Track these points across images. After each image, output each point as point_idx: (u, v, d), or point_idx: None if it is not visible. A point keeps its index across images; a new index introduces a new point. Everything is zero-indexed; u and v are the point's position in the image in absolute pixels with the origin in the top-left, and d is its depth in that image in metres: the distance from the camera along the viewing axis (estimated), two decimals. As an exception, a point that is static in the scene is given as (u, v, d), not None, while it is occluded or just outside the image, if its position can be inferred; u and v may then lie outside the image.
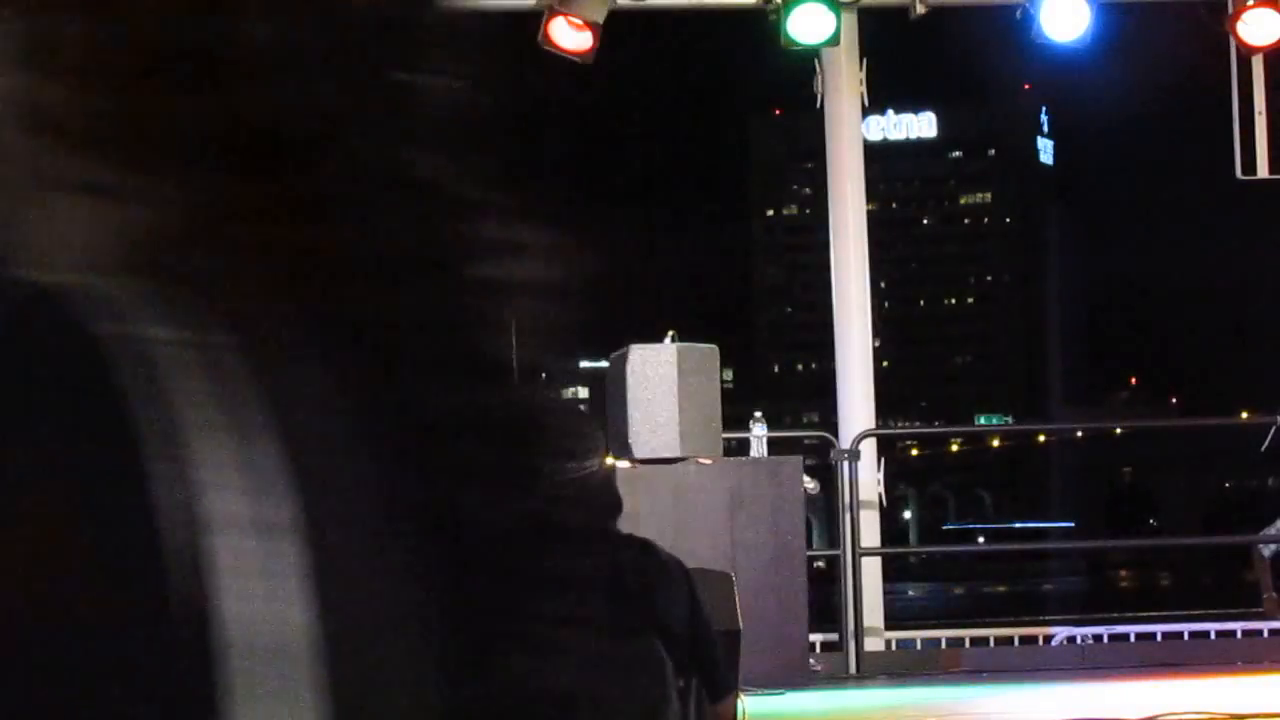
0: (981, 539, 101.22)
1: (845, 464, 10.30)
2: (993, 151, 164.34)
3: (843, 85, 10.91)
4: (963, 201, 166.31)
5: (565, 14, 10.14)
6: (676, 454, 8.86)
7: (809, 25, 10.32)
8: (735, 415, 10.76)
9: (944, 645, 11.92)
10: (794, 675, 8.94)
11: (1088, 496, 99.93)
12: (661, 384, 8.77)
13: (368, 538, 0.73)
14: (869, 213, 11.21)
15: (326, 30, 0.76)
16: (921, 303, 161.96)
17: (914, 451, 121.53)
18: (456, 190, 0.82)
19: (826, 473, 10.54)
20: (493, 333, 0.80)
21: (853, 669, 9.90)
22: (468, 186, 0.83)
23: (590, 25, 10.14)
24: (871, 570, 10.50)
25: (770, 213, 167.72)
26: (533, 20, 10.30)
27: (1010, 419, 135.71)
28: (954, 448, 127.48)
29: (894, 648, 11.18)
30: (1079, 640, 11.51)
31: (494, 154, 0.91)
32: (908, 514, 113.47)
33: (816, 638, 10.38)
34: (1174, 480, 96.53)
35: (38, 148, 0.73)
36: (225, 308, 0.72)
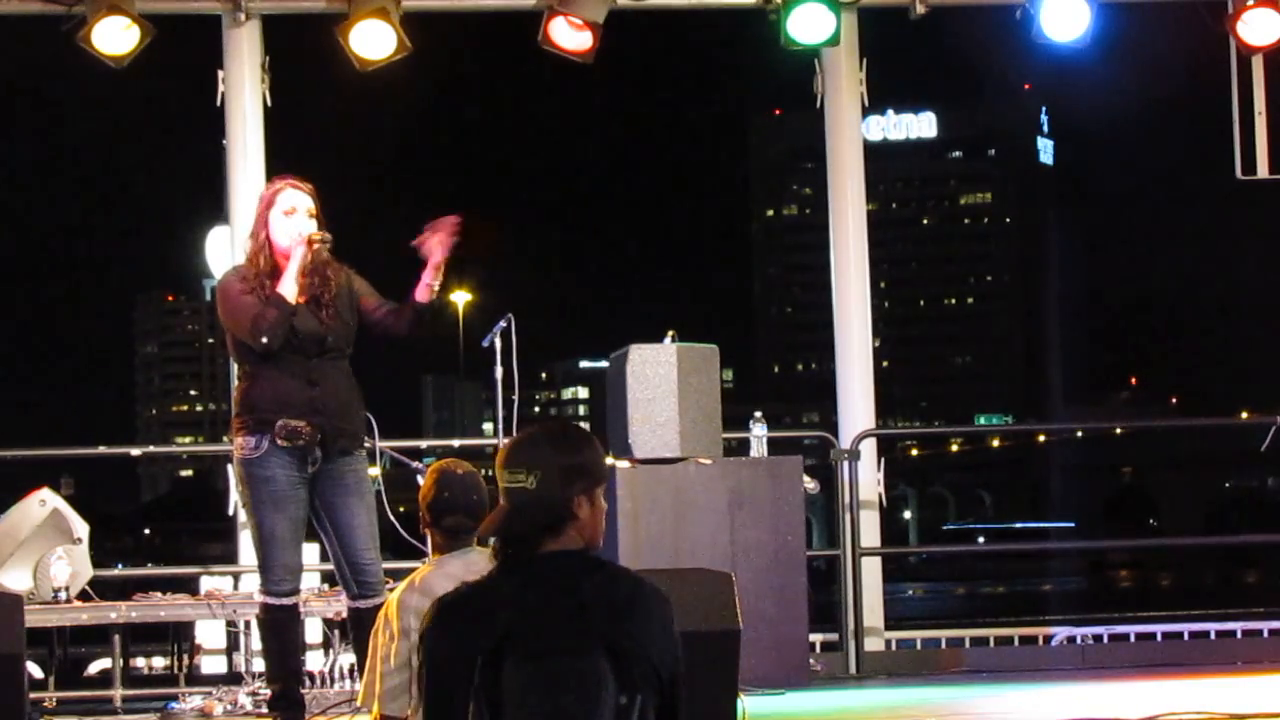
0: (981, 539, 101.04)
1: (845, 464, 10.30)
2: (993, 151, 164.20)
3: (843, 85, 10.90)
4: (963, 201, 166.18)
5: (565, 14, 10.14)
6: (676, 454, 8.85)
7: (809, 25, 10.32)
8: (735, 415, 10.74)
9: (944, 645, 11.92)
10: (794, 675, 8.94)
11: (1088, 496, 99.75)
12: (661, 384, 8.77)
13: None
14: (869, 213, 11.20)
15: None
16: (921, 303, 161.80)
17: (914, 451, 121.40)
18: None
19: (826, 473, 10.54)
20: None
21: (853, 669, 9.90)
22: None
23: (590, 25, 10.13)
24: (871, 570, 10.49)
25: (770, 213, 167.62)
26: (533, 20, 10.30)
27: (1010, 419, 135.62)
28: (954, 448, 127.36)
29: (894, 648, 11.18)
30: (1079, 640, 11.51)
31: None
32: (908, 514, 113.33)
33: (816, 638, 10.38)
34: (1174, 480, 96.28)
35: None
36: None
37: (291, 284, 7.18)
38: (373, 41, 10.06)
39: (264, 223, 7.28)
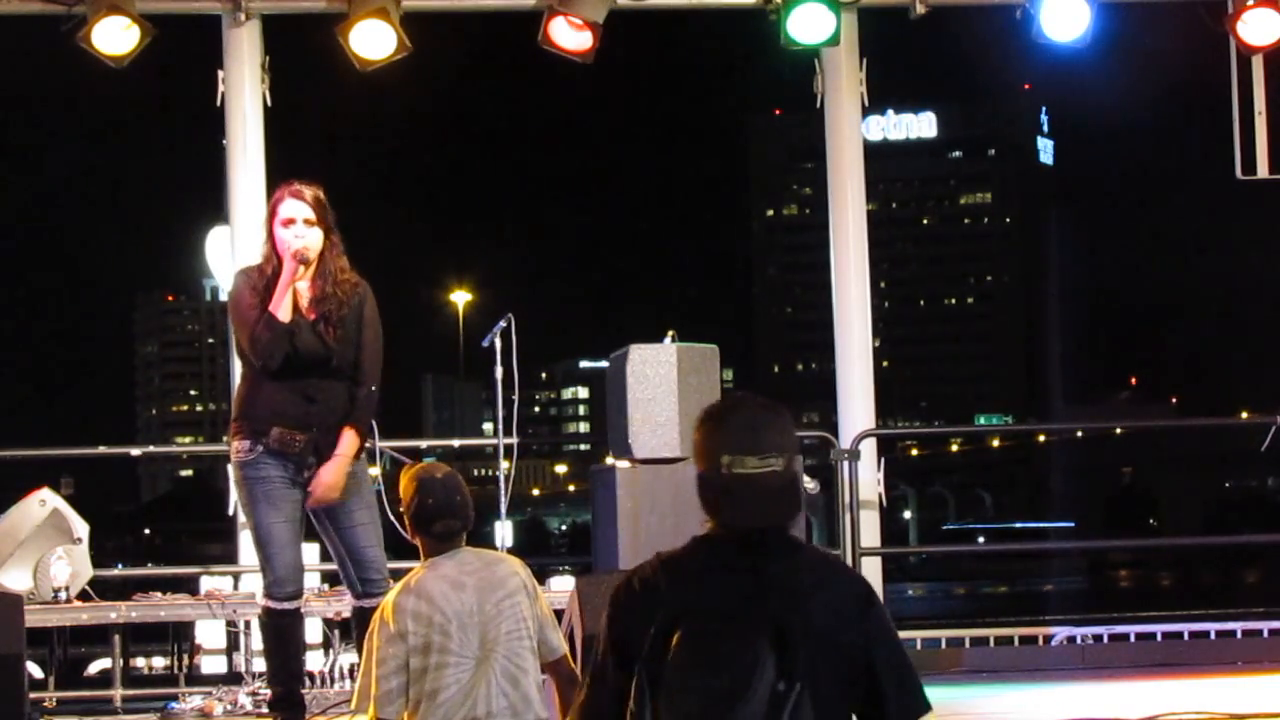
0: (981, 539, 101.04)
1: (845, 464, 10.30)
2: (993, 151, 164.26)
3: (843, 85, 10.90)
4: (963, 201, 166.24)
5: (565, 14, 10.14)
6: (676, 454, 8.84)
7: (809, 25, 10.31)
8: (735, 415, 10.72)
9: (944, 645, 11.91)
10: (794, 675, 8.91)
11: (1088, 496, 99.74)
12: (661, 384, 8.76)
13: None
14: (869, 213, 11.20)
15: None
16: (921, 303, 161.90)
17: (914, 451, 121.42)
18: None
19: (826, 473, 10.53)
20: None
21: (853, 669, 9.88)
22: None
23: (590, 25, 10.13)
24: (871, 570, 10.49)
25: (770, 213, 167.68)
26: (533, 20, 10.30)
27: (1010, 419, 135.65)
28: (954, 448, 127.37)
29: (894, 648, 11.15)
30: (1079, 640, 11.50)
31: None
32: (908, 514, 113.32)
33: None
34: (1174, 480, 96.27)
35: None
36: None
37: (284, 301, 7.16)
38: (373, 41, 10.05)
39: (270, 232, 7.28)
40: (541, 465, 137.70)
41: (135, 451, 17.86)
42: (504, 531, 9.39)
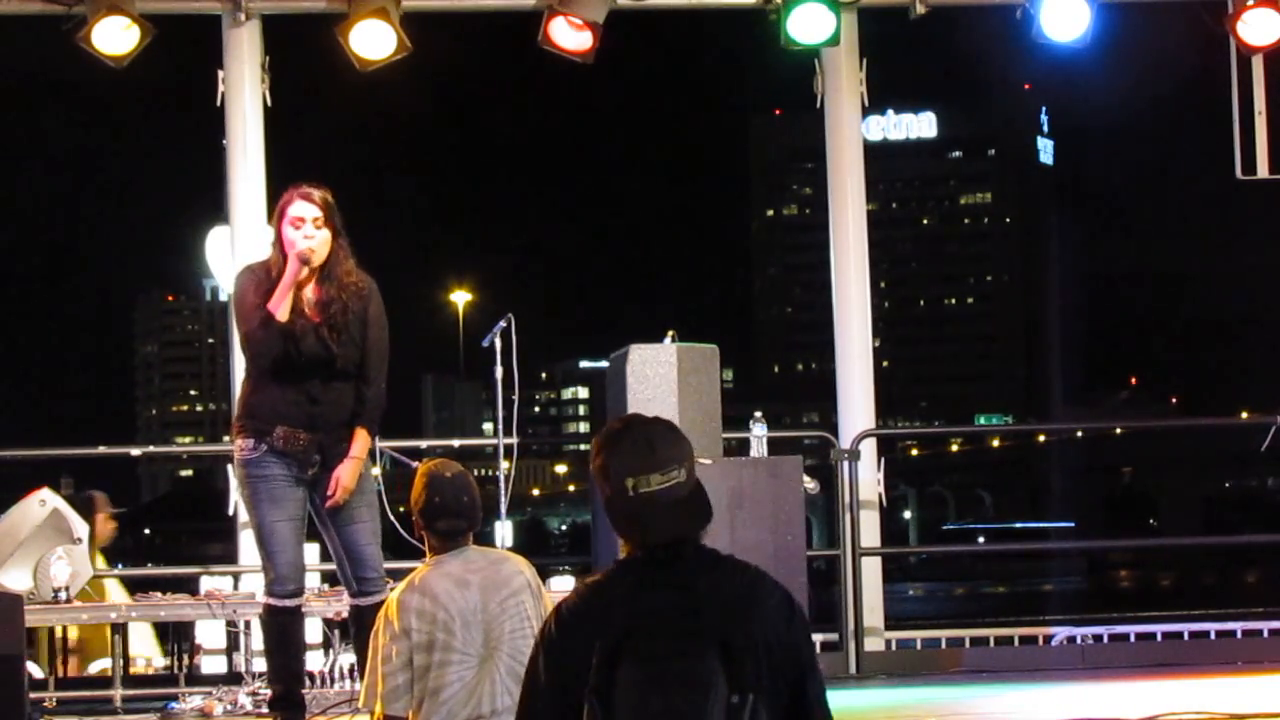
0: (981, 539, 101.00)
1: (845, 464, 10.30)
2: (993, 151, 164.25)
3: (843, 85, 10.91)
4: (963, 201, 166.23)
5: (565, 14, 10.14)
6: (676, 454, 8.84)
7: (809, 25, 10.32)
8: (735, 415, 10.73)
9: (944, 645, 11.91)
10: (794, 675, 8.91)
11: (1088, 496, 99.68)
12: (661, 384, 8.76)
13: None
14: (869, 213, 11.20)
15: None
16: (921, 303, 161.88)
17: (914, 451, 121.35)
18: None
19: (826, 473, 10.53)
20: None
21: (853, 669, 9.90)
22: None
23: (590, 25, 10.14)
24: (871, 570, 10.50)
25: (770, 213, 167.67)
26: (533, 20, 10.30)
27: (1010, 419, 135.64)
28: (954, 448, 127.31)
29: (894, 648, 11.18)
30: (1079, 640, 11.51)
31: None
32: (908, 514, 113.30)
33: (817, 638, 10.38)
34: (1174, 480, 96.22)
35: None
36: None
37: (284, 301, 7.16)
38: (373, 41, 10.06)
39: (278, 233, 7.29)
40: (541, 465, 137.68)
41: (135, 451, 17.86)
42: (504, 531, 9.39)
